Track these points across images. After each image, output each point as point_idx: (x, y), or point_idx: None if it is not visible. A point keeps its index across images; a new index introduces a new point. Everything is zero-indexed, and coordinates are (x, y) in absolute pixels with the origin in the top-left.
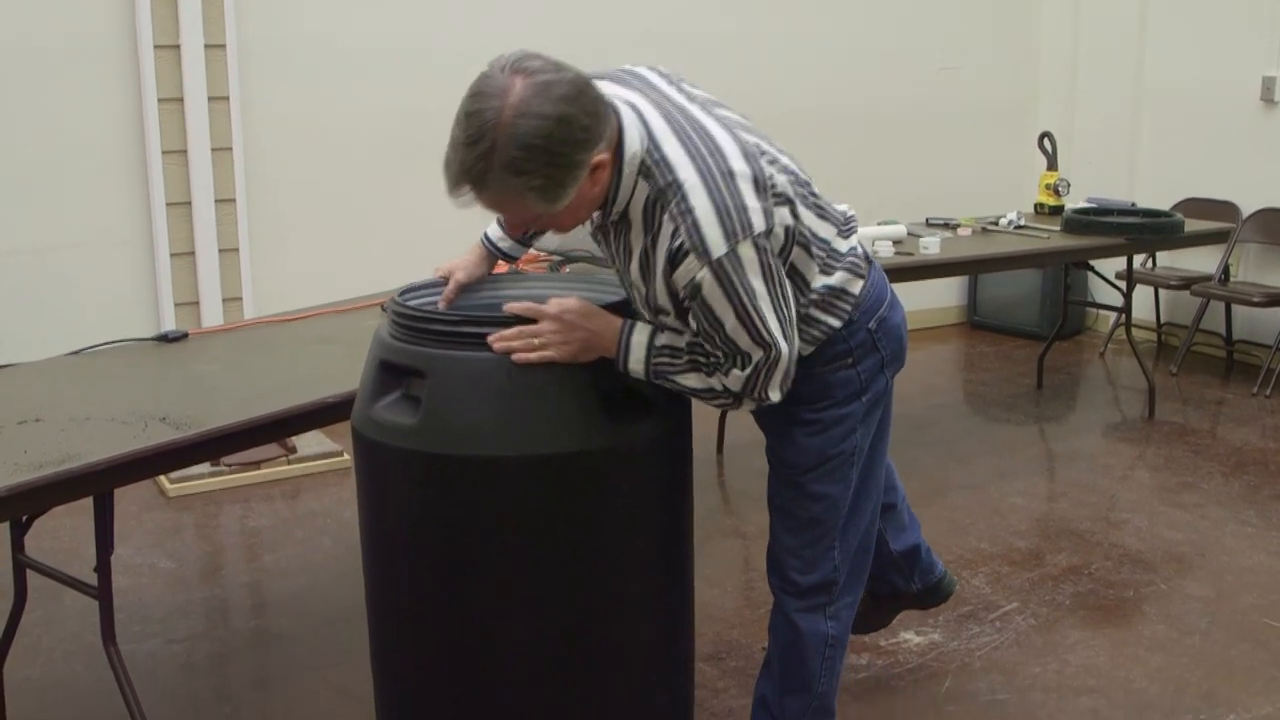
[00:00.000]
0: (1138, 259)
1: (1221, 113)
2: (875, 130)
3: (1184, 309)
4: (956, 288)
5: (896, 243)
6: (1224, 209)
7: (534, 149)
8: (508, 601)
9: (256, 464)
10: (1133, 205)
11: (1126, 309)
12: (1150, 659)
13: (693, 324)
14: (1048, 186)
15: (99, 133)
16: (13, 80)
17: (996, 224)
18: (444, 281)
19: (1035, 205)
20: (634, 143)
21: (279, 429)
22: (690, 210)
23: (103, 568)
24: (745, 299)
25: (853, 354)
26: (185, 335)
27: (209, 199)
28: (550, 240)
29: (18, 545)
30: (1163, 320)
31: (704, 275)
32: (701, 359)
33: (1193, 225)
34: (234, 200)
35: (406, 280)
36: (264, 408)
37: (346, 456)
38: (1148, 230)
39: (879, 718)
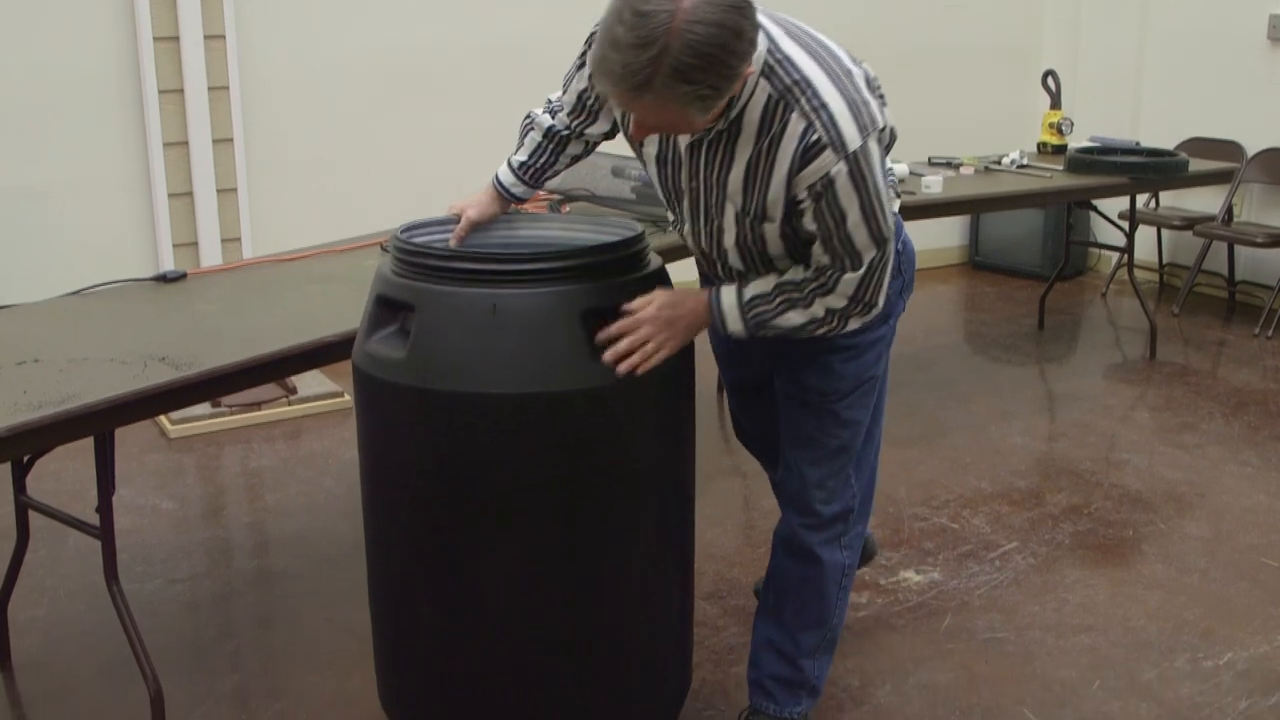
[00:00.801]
0: (1141, 199)
1: (1227, 51)
2: (878, 68)
3: (1187, 249)
4: (958, 227)
5: (899, 181)
6: (1228, 149)
7: (706, 57)
8: (497, 538)
9: (257, 405)
10: (1136, 144)
11: (1129, 249)
12: (1149, 598)
13: (808, 225)
14: (1051, 125)
15: (94, 72)
16: (6, 21)
17: (999, 163)
18: (451, 219)
19: (1038, 144)
20: (759, 44)
21: (279, 368)
22: (824, 106)
23: (104, 507)
24: (871, 193)
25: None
26: (184, 275)
27: (206, 139)
28: (551, 180)
29: (19, 486)
30: (1165, 261)
31: (839, 169)
32: (794, 294)
33: (1197, 165)
34: (231, 140)
35: (406, 219)
36: (263, 347)
37: (347, 397)
38: (1151, 170)
39: (879, 655)
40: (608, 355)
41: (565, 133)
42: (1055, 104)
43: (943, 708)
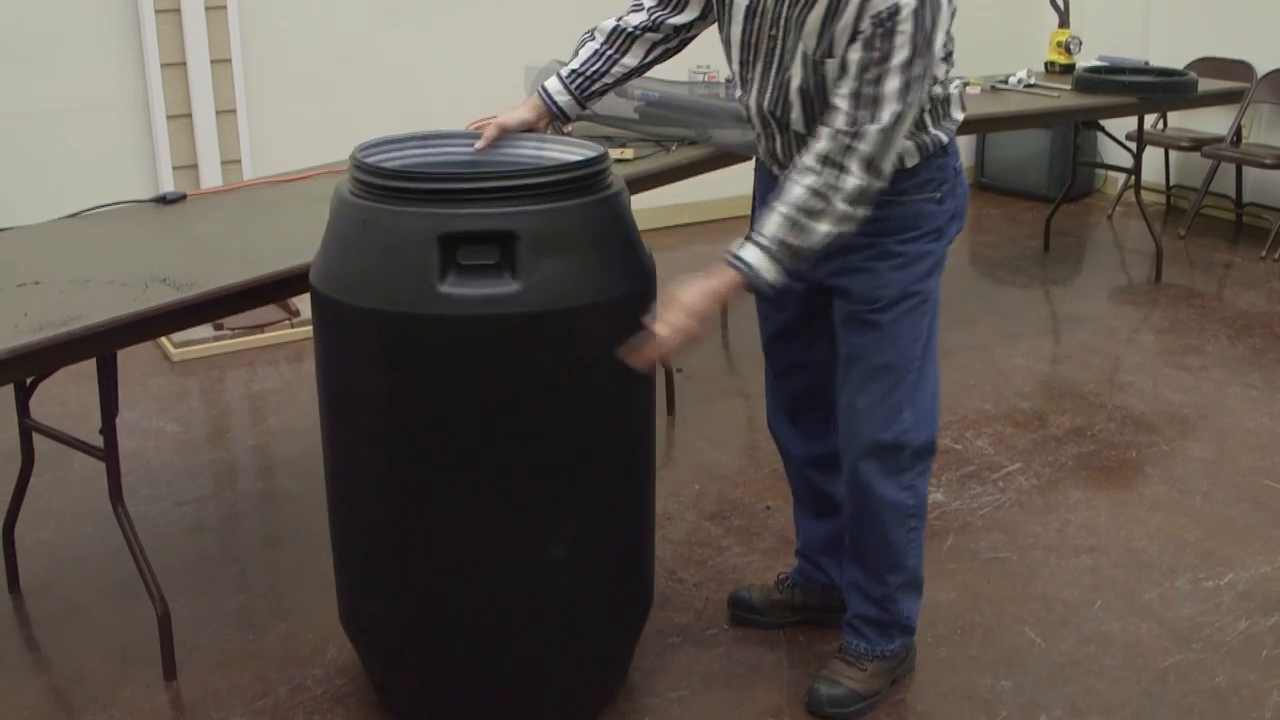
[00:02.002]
0: (1148, 119)
1: None
2: None
3: (1194, 171)
4: (964, 148)
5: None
6: (1238, 68)
7: None
8: (453, 461)
9: (260, 328)
10: (1145, 64)
11: (1136, 170)
12: (1150, 519)
13: (852, 57)
14: (1059, 44)
15: None
16: None
17: (1005, 82)
18: (411, 136)
19: (1046, 64)
20: None
21: (280, 289)
22: None
23: (108, 429)
24: (921, 43)
25: (942, 186)
26: (184, 197)
27: (204, 59)
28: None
29: (23, 409)
30: (1172, 182)
31: (908, 3)
32: (814, 203)
33: (1206, 85)
34: (229, 61)
35: None
36: (264, 268)
37: None
38: (1160, 90)
39: None
40: (637, 362)
41: (634, 31)
42: (1063, 22)
43: (944, 626)
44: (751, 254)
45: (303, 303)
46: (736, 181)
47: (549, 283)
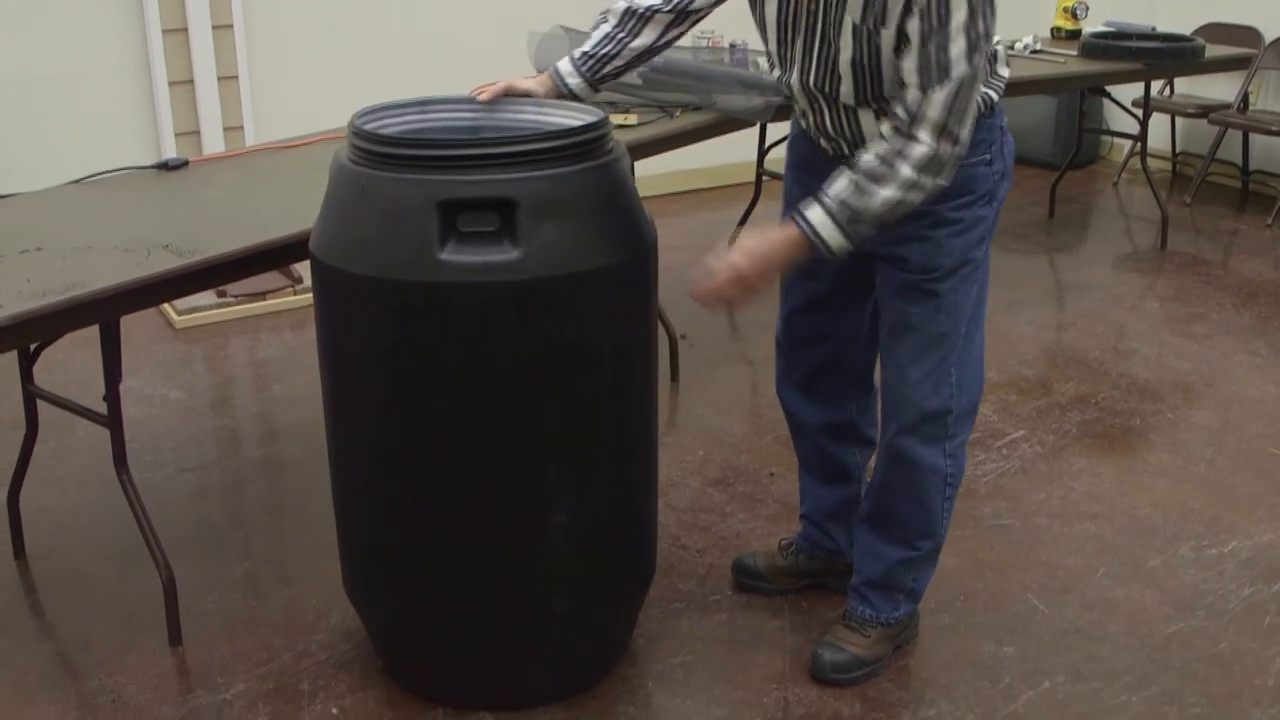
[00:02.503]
0: (1155, 86)
1: None
2: None
3: (1200, 138)
4: None
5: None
6: (1246, 34)
7: None
8: (455, 428)
9: (263, 295)
10: (1152, 29)
11: (1142, 137)
12: (1155, 486)
13: (910, 28)
14: (1065, 10)
15: None
16: None
17: (1012, 48)
18: (410, 102)
19: (1052, 29)
20: None
21: (282, 255)
22: None
23: (112, 395)
24: (979, 1)
25: (990, 147)
26: (186, 163)
27: (206, 25)
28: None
29: (26, 376)
30: (1178, 149)
31: None
32: (878, 169)
33: (1213, 51)
34: (231, 26)
35: None
36: (267, 235)
37: None
38: (1167, 55)
39: None
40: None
41: (646, 12)
42: None
43: (948, 593)
44: (815, 213)
45: (305, 270)
46: (740, 148)
47: (549, 249)
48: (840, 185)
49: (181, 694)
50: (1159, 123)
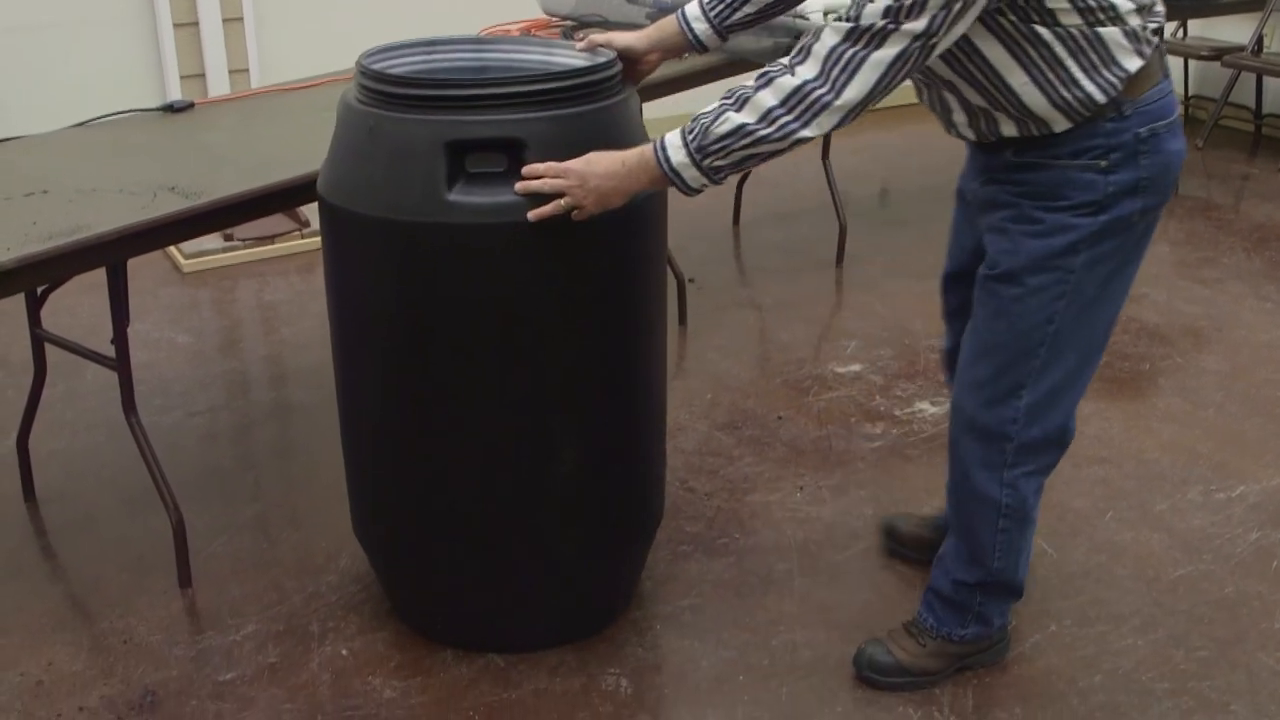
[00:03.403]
0: (1168, 28)
1: None
2: None
3: (1213, 81)
4: None
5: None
6: None
7: None
8: (462, 368)
9: (270, 238)
10: None
11: None
12: (1163, 430)
13: None
14: None
15: None
16: None
17: None
18: (422, 43)
19: None
20: None
21: (290, 197)
22: None
23: (120, 338)
24: None
25: (1109, 155)
26: (191, 105)
27: None
28: (563, 5)
29: (34, 319)
30: (1191, 92)
31: None
32: (739, 92)
33: None
34: None
35: None
36: (273, 177)
37: None
38: None
39: (893, 485)
40: (519, 187)
41: None
42: None
43: None
44: (672, 133)
45: (312, 213)
46: None
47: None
48: (708, 106)
49: (192, 635)
50: (1172, 65)
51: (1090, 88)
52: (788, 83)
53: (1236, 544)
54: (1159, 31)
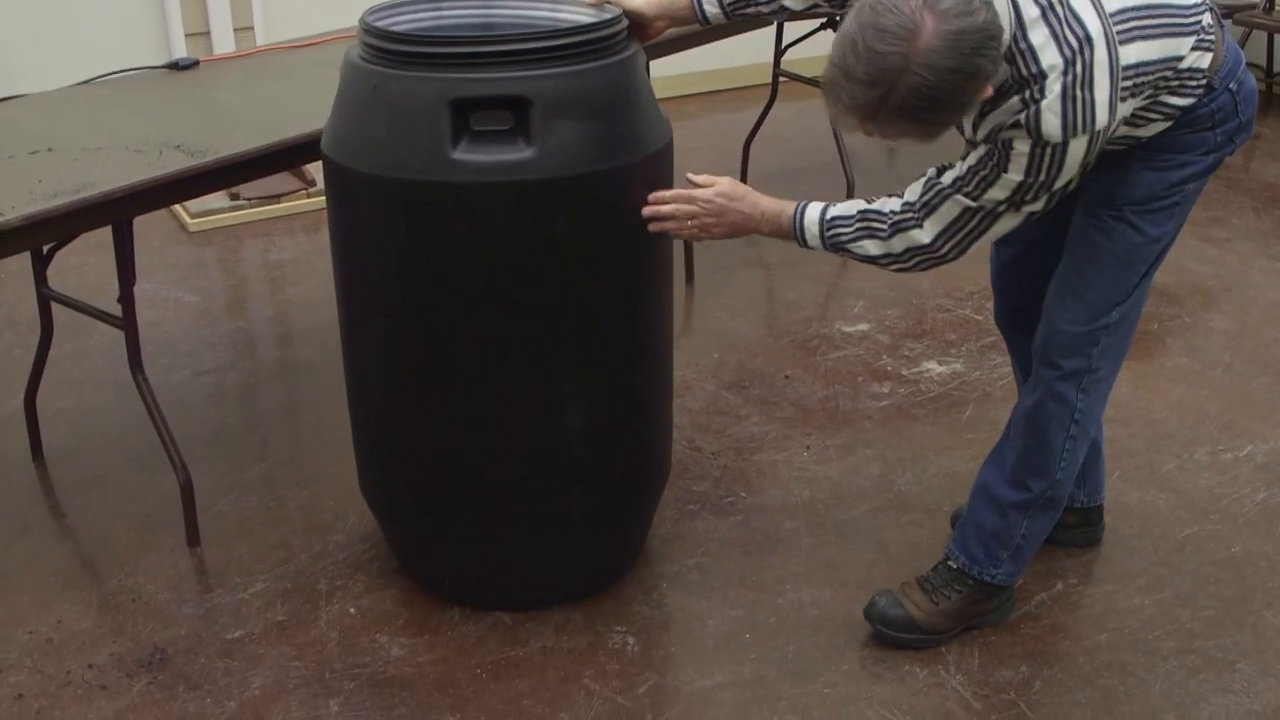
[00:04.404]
0: None
1: None
2: None
3: None
4: None
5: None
6: None
7: (935, 101)
8: (468, 326)
9: (276, 197)
10: None
11: None
12: (1171, 390)
13: (980, 133)
14: None
15: None
16: None
17: None
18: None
19: None
20: (1004, 31)
21: (295, 155)
22: (1041, 97)
23: (126, 297)
24: (1046, 173)
25: (1214, 117)
26: (196, 63)
27: None
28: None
29: (40, 278)
30: None
31: (1022, 147)
32: (877, 223)
33: None
34: None
35: None
36: (279, 134)
37: None
38: None
39: (900, 444)
40: (647, 211)
41: None
42: None
43: (962, 496)
44: (813, 212)
45: (318, 172)
46: (757, 49)
47: (563, 149)
48: (847, 210)
49: (200, 593)
50: None
51: (1182, 103)
52: (919, 240)
53: (1244, 504)
54: (1212, 10)
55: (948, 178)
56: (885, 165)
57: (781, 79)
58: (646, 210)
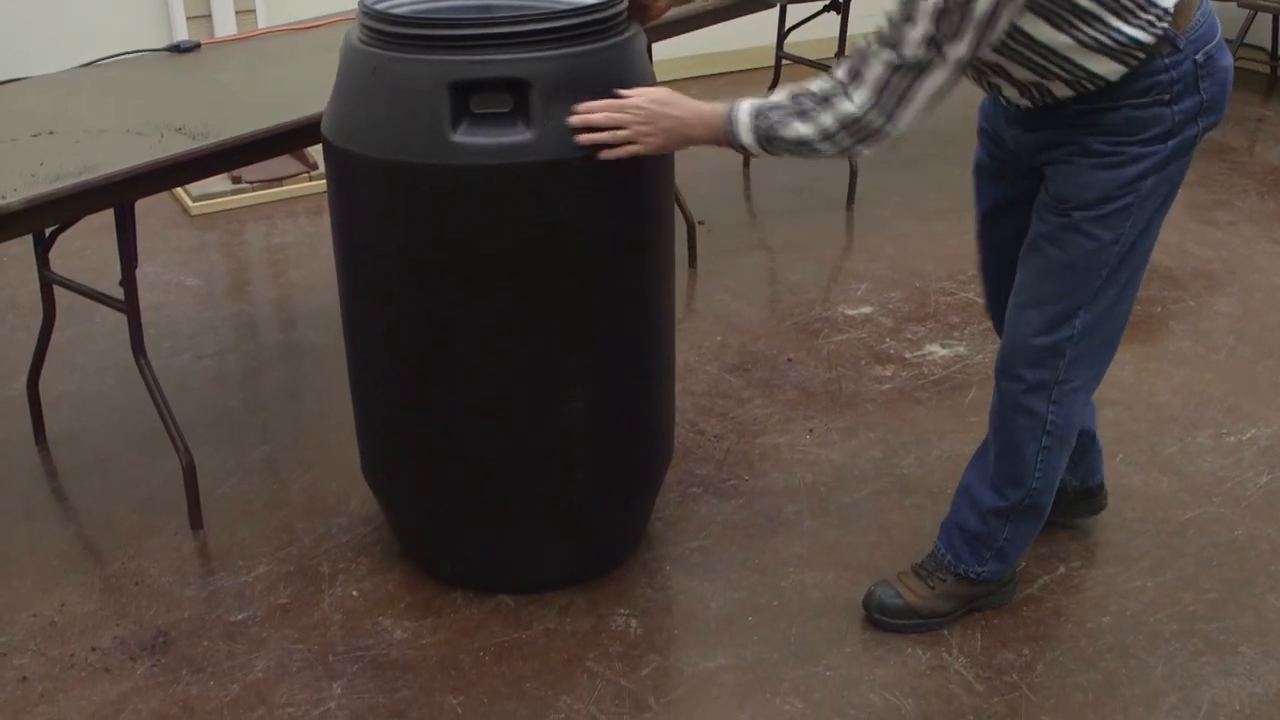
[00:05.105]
0: None
1: None
2: None
3: (1229, 22)
4: None
5: None
6: None
7: None
8: (469, 310)
9: (278, 180)
10: None
11: None
12: (1175, 374)
13: None
14: None
15: None
16: None
17: None
18: None
19: None
20: None
21: (296, 138)
22: None
23: (128, 281)
24: None
25: (1172, 88)
26: (198, 46)
27: None
28: None
29: (43, 262)
30: None
31: None
32: (807, 101)
33: None
34: None
35: None
36: (281, 117)
37: None
38: None
39: (903, 427)
40: (576, 121)
41: None
42: None
43: None
44: (746, 106)
45: (319, 155)
46: (760, 31)
47: (564, 131)
48: (779, 97)
49: (203, 576)
50: None
51: (1134, 33)
52: (846, 110)
53: (1246, 487)
54: None
55: (872, 38)
56: (888, 147)
57: (785, 61)
58: (575, 119)
